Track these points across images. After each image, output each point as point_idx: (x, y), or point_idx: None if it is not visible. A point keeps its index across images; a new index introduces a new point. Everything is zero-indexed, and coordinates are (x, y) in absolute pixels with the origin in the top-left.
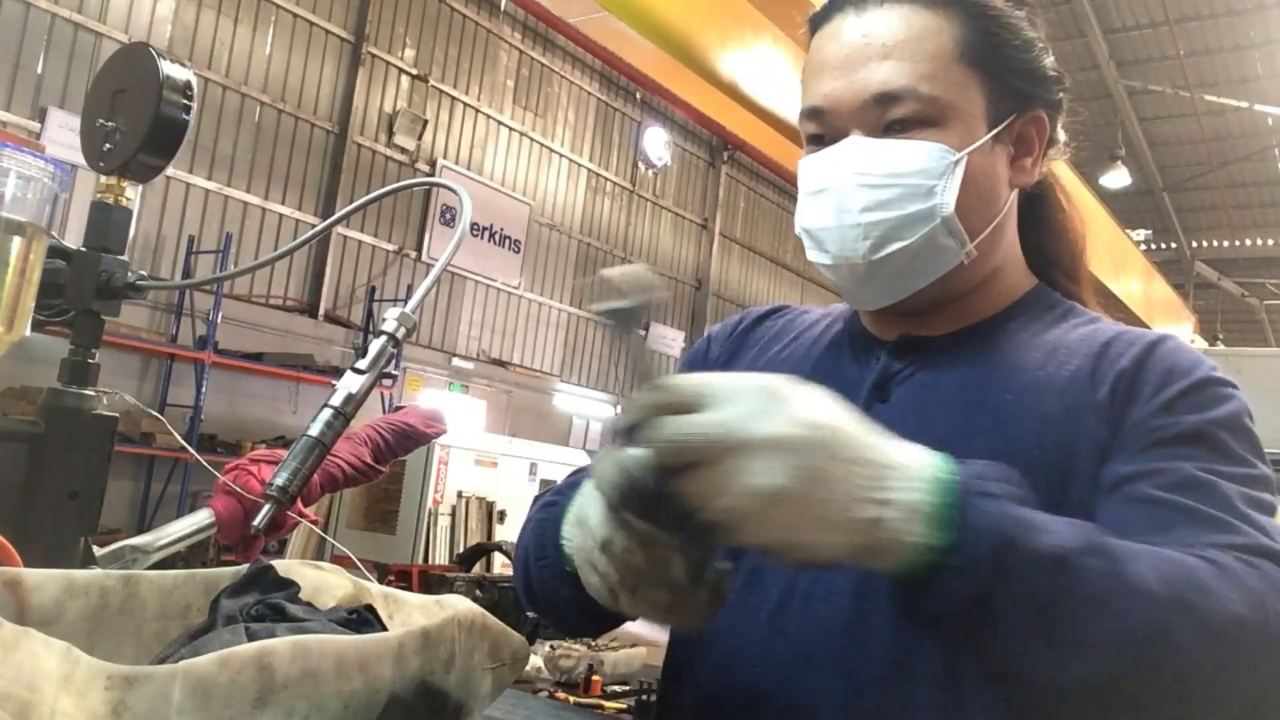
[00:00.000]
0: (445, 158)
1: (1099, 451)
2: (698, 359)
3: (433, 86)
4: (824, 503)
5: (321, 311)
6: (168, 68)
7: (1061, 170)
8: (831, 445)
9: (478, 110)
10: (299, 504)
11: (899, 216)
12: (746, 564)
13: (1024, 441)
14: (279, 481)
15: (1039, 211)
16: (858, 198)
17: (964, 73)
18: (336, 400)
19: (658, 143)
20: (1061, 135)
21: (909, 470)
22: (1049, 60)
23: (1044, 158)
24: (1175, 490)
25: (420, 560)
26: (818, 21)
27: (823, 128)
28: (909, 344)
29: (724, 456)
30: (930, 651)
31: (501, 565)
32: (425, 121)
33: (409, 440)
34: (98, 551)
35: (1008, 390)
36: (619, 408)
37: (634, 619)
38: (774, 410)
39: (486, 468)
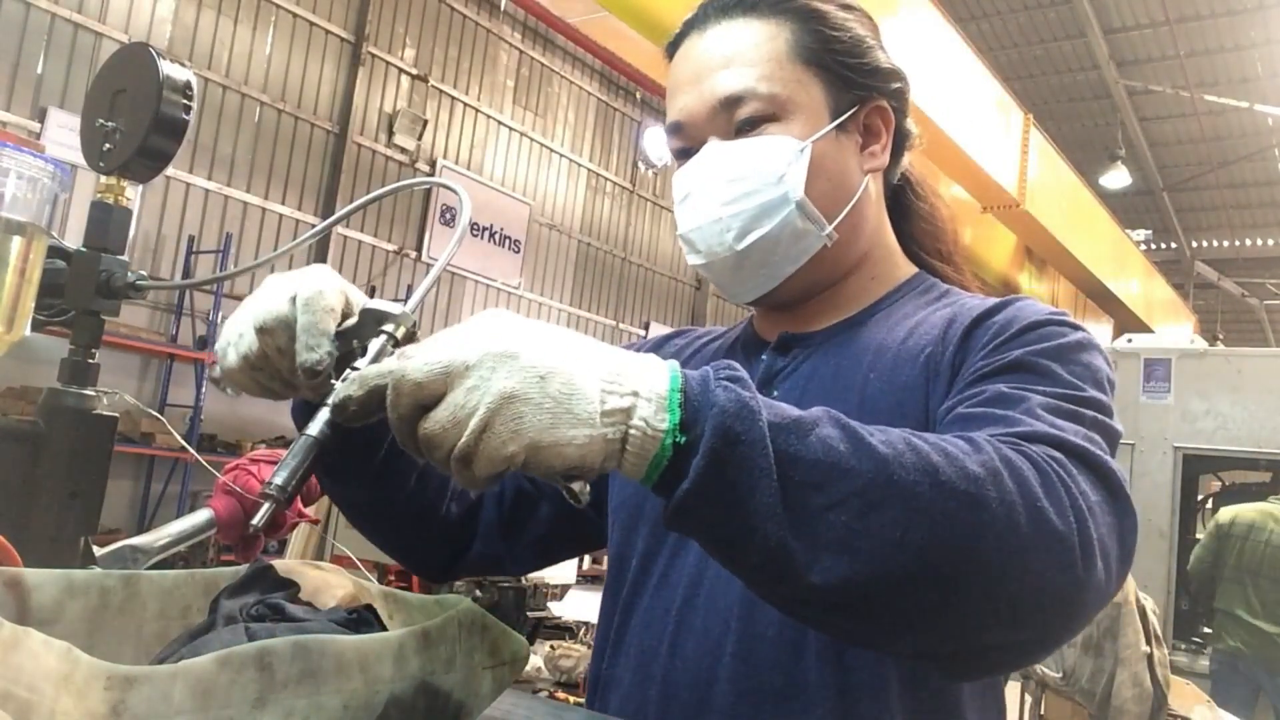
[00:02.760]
0: (445, 158)
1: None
2: None
3: (433, 86)
4: (568, 398)
5: None
6: (168, 68)
7: (1050, 163)
8: (563, 346)
9: (478, 110)
10: (299, 504)
11: (756, 206)
12: (657, 567)
13: (884, 414)
14: (277, 481)
15: (905, 202)
16: (718, 195)
17: (800, 70)
18: (335, 400)
19: (658, 143)
20: (912, 128)
21: (649, 366)
22: (882, 55)
23: (900, 149)
24: (982, 404)
25: None
26: (672, 48)
27: (685, 140)
28: (789, 341)
29: (454, 381)
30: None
31: None
32: (425, 121)
33: None
34: (98, 551)
35: (872, 370)
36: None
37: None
38: (489, 332)
39: None
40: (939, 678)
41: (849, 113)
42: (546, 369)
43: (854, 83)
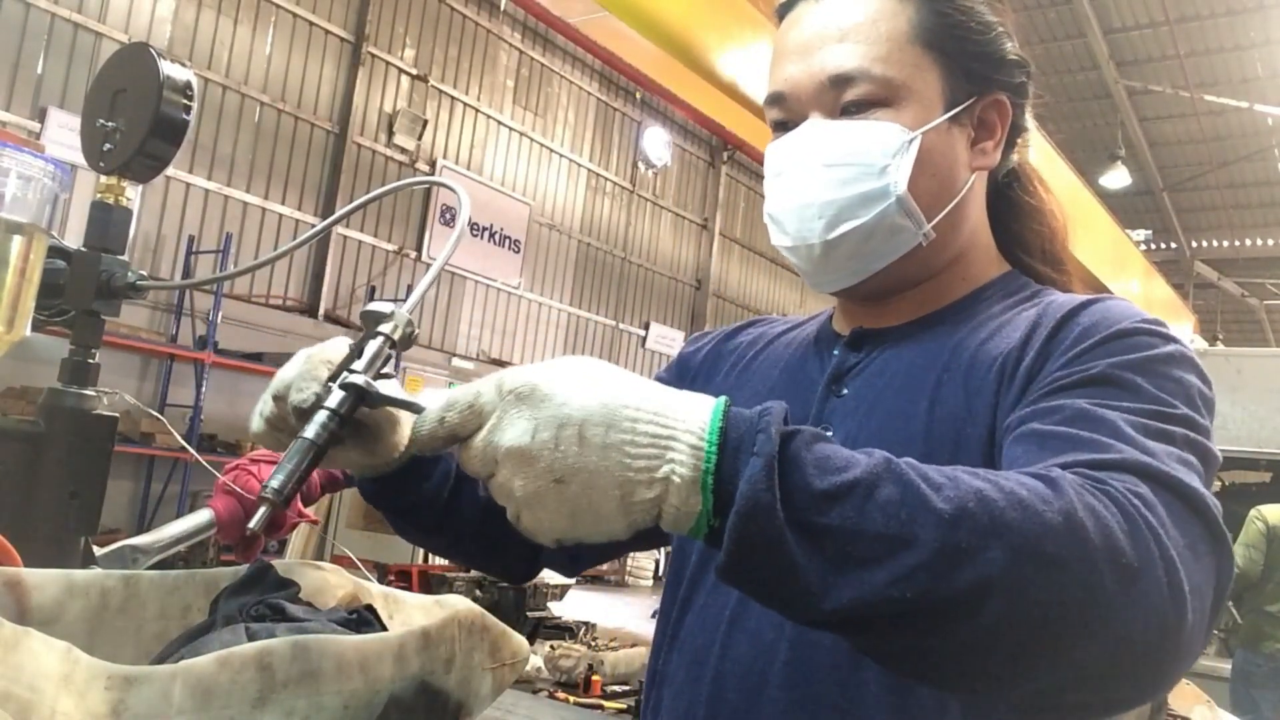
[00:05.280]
0: (445, 158)
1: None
2: (685, 361)
3: (433, 86)
4: (586, 500)
5: (321, 311)
6: (168, 68)
7: (1050, 163)
8: (594, 429)
9: (478, 110)
10: (299, 504)
11: (852, 195)
12: (714, 566)
13: (954, 417)
14: (273, 484)
15: (1011, 197)
16: (814, 178)
17: (919, 54)
18: (332, 402)
19: (658, 143)
20: (1030, 123)
21: (687, 438)
22: (1010, 44)
23: (1012, 144)
24: (1062, 423)
25: (420, 560)
26: (783, 10)
27: (784, 113)
28: (863, 336)
29: (493, 467)
30: None
31: None
32: (425, 121)
33: None
34: (98, 551)
35: (946, 370)
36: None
37: None
38: (517, 418)
39: None
40: None
41: (964, 105)
42: (562, 471)
43: (975, 73)
